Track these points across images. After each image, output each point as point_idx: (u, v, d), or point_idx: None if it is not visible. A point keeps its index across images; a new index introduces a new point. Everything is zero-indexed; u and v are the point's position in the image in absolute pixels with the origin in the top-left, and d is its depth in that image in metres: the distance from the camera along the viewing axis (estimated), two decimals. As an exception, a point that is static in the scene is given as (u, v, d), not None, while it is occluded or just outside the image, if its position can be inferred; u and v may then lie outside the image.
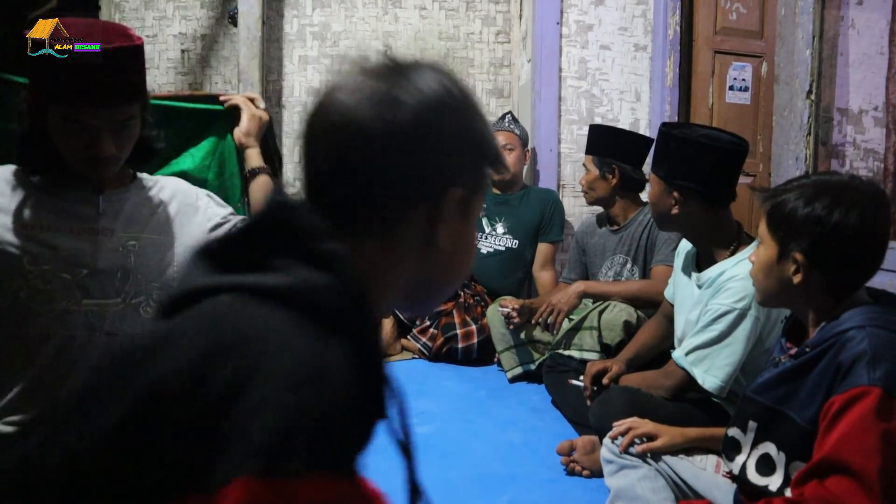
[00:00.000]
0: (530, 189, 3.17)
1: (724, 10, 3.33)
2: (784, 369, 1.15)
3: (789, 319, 1.27)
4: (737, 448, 1.22)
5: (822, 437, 1.03)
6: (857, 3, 3.06)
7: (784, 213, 1.13)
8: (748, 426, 1.20)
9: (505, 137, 3.04)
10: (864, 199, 1.09)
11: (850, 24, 3.05)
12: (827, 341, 1.09)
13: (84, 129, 1.07)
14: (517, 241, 3.03)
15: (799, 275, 1.13)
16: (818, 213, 1.09)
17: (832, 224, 1.08)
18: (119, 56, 1.05)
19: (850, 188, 1.11)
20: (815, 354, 1.10)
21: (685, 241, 1.85)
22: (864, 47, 3.08)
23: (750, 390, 1.22)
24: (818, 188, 1.12)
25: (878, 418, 0.98)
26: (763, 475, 1.16)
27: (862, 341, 1.04)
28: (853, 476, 0.98)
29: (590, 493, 1.65)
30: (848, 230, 1.08)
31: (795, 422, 1.10)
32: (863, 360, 1.02)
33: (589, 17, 3.33)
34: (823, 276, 1.12)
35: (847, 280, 1.13)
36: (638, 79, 3.36)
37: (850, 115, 3.24)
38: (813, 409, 1.07)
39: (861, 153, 3.30)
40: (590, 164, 2.53)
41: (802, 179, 1.19)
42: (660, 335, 2.03)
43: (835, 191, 1.10)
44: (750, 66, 3.36)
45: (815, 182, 1.15)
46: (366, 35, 3.57)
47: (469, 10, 3.61)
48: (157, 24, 3.52)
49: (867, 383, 1.00)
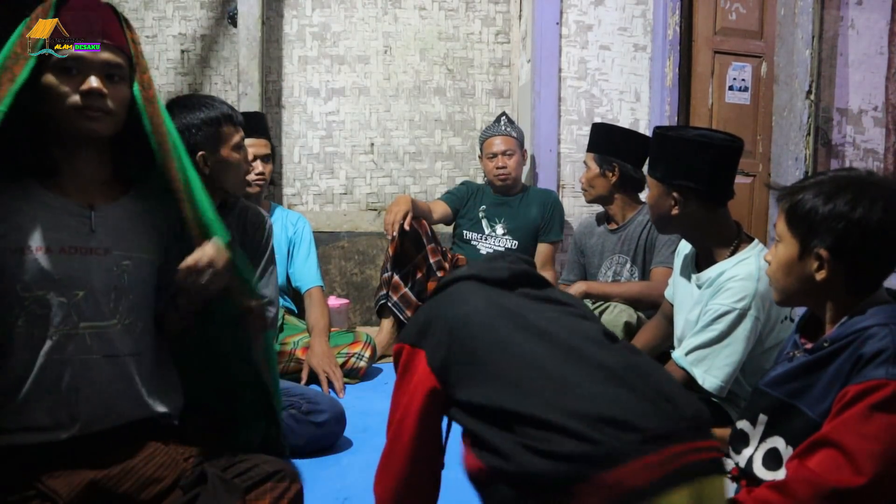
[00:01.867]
0: (530, 189, 3.17)
1: (724, 10, 3.33)
2: (799, 363, 1.15)
3: (804, 316, 1.27)
4: (745, 441, 1.22)
5: (828, 423, 1.04)
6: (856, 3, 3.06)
7: (805, 211, 1.13)
8: (758, 419, 1.20)
9: (504, 142, 3.04)
10: (887, 193, 1.10)
11: (849, 25, 3.05)
12: (847, 337, 1.09)
13: (73, 69, 1.08)
14: (517, 241, 3.03)
15: (823, 271, 1.13)
16: (841, 209, 1.09)
17: (856, 219, 1.08)
18: (98, 4, 1.12)
19: (871, 183, 1.12)
20: (835, 349, 1.10)
21: (684, 241, 1.85)
22: (863, 47, 3.09)
23: (762, 383, 1.22)
24: (838, 184, 1.12)
25: (886, 410, 0.99)
26: (769, 469, 1.15)
27: (885, 338, 1.04)
28: (841, 451, 0.99)
29: (589, 493, 1.64)
30: (872, 224, 1.08)
31: (807, 416, 1.10)
32: (884, 354, 1.03)
33: (588, 17, 3.33)
34: (846, 272, 1.12)
35: (869, 275, 1.14)
36: (637, 79, 3.36)
37: (849, 115, 3.24)
38: (827, 403, 1.07)
39: (861, 153, 3.30)
40: (591, 161, 2.54)
41: (819, 176, 1.18)
42: (660, 336, 2.04)
43: (856, 186, 1.11)
44: (749, 67, 3.36)
45: (833, 178, 1.15)
46: (365, 35, 3.57)
47: (469, 10, 3.61)
48: (156, 24, 3.52)
49: (885, 377, 1.01)
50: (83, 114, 1.09)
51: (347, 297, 3.40)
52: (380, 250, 3.48)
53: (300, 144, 3.58)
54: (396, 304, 2.85)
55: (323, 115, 3.58)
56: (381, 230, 3.42)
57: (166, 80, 3.50)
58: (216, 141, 1.66)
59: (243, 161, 1.74)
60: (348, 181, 3.61)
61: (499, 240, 3.06)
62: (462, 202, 3.14)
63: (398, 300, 2.85)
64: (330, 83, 3.57)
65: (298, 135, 3.58)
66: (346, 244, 3.53)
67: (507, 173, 3.03)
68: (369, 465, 1.79)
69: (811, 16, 2.95)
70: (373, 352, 2.56)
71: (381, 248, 3.45)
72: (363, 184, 3.62)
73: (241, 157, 1.73)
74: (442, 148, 3.64)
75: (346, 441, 1.90)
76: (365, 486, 1.65)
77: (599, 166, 2.51)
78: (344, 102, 3.58)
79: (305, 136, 3.58)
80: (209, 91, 3.51)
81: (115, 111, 1.12)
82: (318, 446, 1.82)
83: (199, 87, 3.53)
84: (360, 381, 2.49)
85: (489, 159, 3.06)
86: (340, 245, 3.53)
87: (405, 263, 2.85)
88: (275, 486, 1.12)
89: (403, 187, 3.63)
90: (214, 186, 1.69)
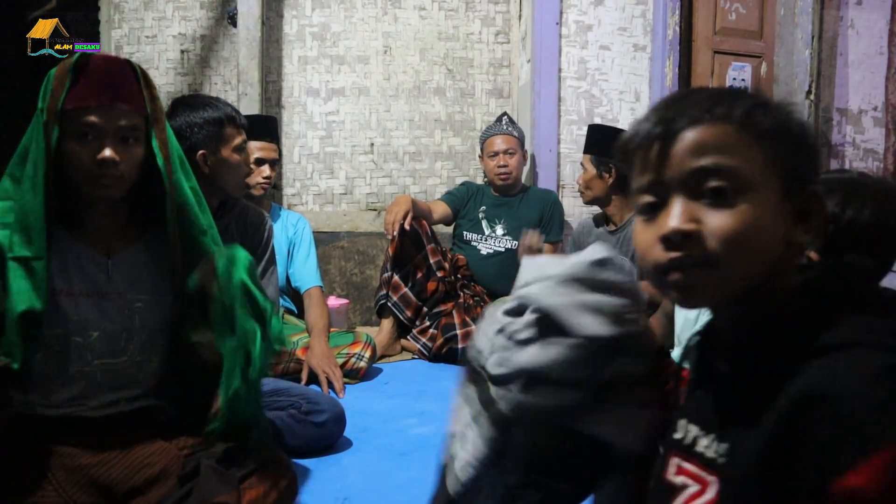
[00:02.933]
0: (529, 190, 3.18)
1: (724, 10, 3.33)
2: None
3: None
4: None
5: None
6: (856, 3, 3.06)
7: None
8: None
9: (505, 141, 3.04)
10: (877, 195, 1.09)
11: (849, 25, 3.05)
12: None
13: (89, 134, 1.14)
14: (517, 242, 3.03)
15: None
16: (831, 210, 1.08)
17: (845, 220, 1.07)
18: (116, 64, 1.17)
19: (862, 184, 1.10)
20: None
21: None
22: (863, 47, 3.09)
23: None
24: (828, 185, 1.11)
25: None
26: None
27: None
28: None
29: (590, 493, 1.64)
30: (862, 226, 1.07)
31: None
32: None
33: (588, 17, 3.33)
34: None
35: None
36: (637, 79, 3.36)
37: (849, 115, 3.24)
38: None
39: (860, 153, 3.31)
40: (587, 163, 2.54)
41: None
42: (661, 334, 2.04)
43: (846, 188, 1.10)
44: (749, 67, 3.36)
45: (824, 180, 1.13)
46: (365, 35, 3.58)
47: (468, 10, 3.61)
48: (156, 24, 3.52)
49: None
50: (98, 182, 1.16)
51: (347, 297, 3.40)
52: (380, 250, 3.48)
53: (300, 144, 3.58)
54: (396, 304, 2.85)
55: (323, 115, 3.58)
56: (380, 230, 3.42)
57: (166, 81, 3.50)
58: (217, 141, 1.67)
59: (244, 163, 1.75)
60: (348, 181, 3.61)
61: (499, 240, 3.07)
62: (462, 203, 3.14)
63: (398, 300, 2.85)
64: (330, 83, 3.57)
65: (298, 135, 3.58)
66: (345, 244, 3.53)
67: (508, 172, 3.03)
68: (369, 465, 1.80)
69: (811, 16, 2.95)
70: (373, 352, 2.56)
71: (381, 248, 3.45)
72: (363, 184, 3.63)
73: (242, 159, 1.74)
74: (442, 148, 3.64)
75: (346, 441, 1.90)
76: (365, 486, 1.66)
77: (596, 168, 2.51)
78: (344, 102, 3.58)
79: (305, 137, 3.58)
80: (209, 91, 3.51)
81: (127, 175, 1.19)
82: (318, 446, 1.82)
83: (199, 88, 3.53)
84: (359, 381, 2.49)
85: (490, 158, 3.06)
86: (340, 245, 3.53)
87: (405, 263, 2.85)
88: (269, 476, 1.15)
89: (403, 187, 3.63)
90: (214, 186, 1.69)
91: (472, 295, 2.95)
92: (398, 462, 1.80)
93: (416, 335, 2.87)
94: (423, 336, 2.84)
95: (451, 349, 2.76)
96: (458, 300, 2.89)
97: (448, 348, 2.76)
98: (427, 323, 2.86)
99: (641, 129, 0.66)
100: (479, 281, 3.02)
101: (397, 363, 2.80)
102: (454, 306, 2.86)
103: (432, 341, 2.80)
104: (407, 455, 1.85)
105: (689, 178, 0.63)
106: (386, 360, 2.80)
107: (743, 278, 0.62)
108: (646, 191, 0.67)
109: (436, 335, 2.80)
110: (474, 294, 2.96)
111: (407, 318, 2.86)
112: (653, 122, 0.65)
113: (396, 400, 2.31)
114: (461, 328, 2.77)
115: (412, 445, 1.91)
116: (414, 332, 2.88)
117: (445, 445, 0.84)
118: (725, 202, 0.61)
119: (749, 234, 0.60)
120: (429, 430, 2.04)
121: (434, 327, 2.82)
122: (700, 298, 0.64)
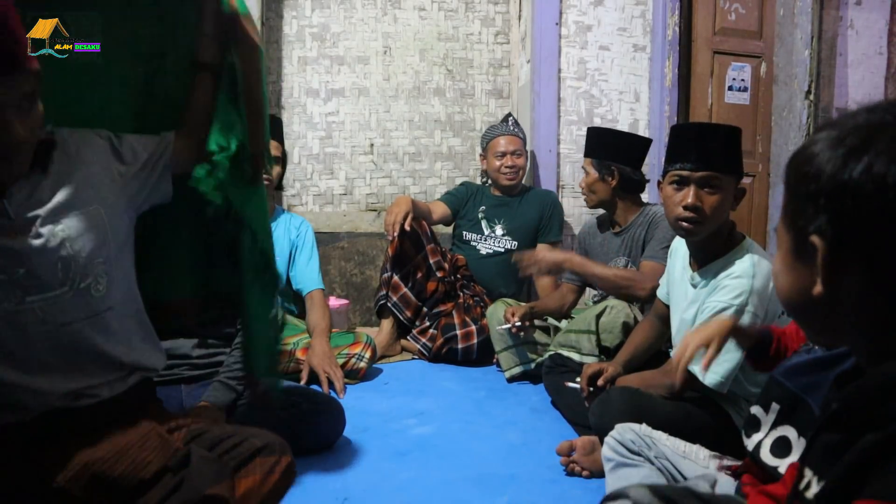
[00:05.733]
0: (529, 190, 3.18)
1: (723, 10, 3.33)
2: (815, 357, 1.14)
3: None
4: (756, 426, 1.22)
5: None
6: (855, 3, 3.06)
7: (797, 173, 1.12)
8: (771, 407, 1.20)
9: (512, 142, 3.05)
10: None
11: (848, 25, 3.05)
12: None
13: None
14: (517, 242, 3.04)
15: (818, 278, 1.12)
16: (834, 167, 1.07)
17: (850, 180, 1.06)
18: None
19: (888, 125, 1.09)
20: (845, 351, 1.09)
21: (678, 240, 1.85)
22: (862, 47, 3.09)
23: (778, 372, 1.21)
24: (842, 132, 1.10)
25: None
26: (776, 456, 1.15)
27: None
28: None
29: (589, 493, 1.64)
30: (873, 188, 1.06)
31: (816, 413, 1.10)
32: None
33: (588, 17, 3.34)
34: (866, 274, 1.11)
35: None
36: (637, 79, 3.36)
37: (849, 116, 3.23)
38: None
39: (860, 153, 3.30)
40: (589, 166, 2.54)
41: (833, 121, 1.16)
42: (653, 336, 2.04)
43: (864, 133, 1.08)
44: (749, 67, 3.36)
45: (838, 122, 1.12)
46: (365, 36, 3.58)
47: (468, 10, 3.61)
48: (156, 25, 3.52)
49: None
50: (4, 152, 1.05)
51: (347, 297, 3.40)
52: (379, 251, 3.48)
53: (300, 145, 3.58)
54: (396, 305, 2.85)
55: (322, 115, 3.58)
56: (380, 231, 3.42)
57: (166, 81, 3.50)
58: None
59: None
60: (348, 182, 3.62)
61: (498, 240, 3.07)
62: (461, 203, 3.15)
63: (398, 300, 2.85)
64: (329, 84, 3.57)
65: (298, 135, 3.58)
66: (345, 245, 3.54)
67: (517, 173, 3.05)
68: (369, 465, 1.80)
69: (810, 16, 2.95)
70: (373, 352, 2.56)
71: (381, 248, 3.46)
72: (363, 184, 3.63)
73: None
74: (441, 148, 3.64)
75: (346, 441, 1.91)
76: (365, 486, 1.66)
77: (598, 171, 2.50)
78: (343, 103, 3.59)
79: (305, 137, 3.58)
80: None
81: (34, 136, 1.08)
82: (318, 446, 1.82)
83: (199, 88, 3.53)
84: (360, 381, 2.49)
85: (497, 158, 3.06)
86: (340, 246, 3.53)
87: (405, 264, 2.85)
88: (264, 461, 1.11)
89: (403, 188, 3.63)
90: None
91: (472, 295, 2.95)
92: (398, 462, 1.80)
93: (416, 335, 2.87)
94: (423, 336, 2.85)
95: (451, 349, 2.76)
96: (457, 300, 2.89)
97: (448, 348, 2.77)
98: (427, 323, 2.86)
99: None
100: (478, 281, 3.02)
101: (397, 363, 2.80)
102: (454, 306, 2.86)
103: (432, 341, 2.80)
104: (407, 455, 1.85)
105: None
106: (386, 360, 2.80)
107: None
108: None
109: (436, 335, 2.80)
110: (474, 294, 2.96)
111: (407, 318, 2.87)
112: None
113: (396, 400, 2.31)
114: (461, 328, 2.77)
115: (412, 445, 1.92)
116: (414, 332, 2.88)
117: None
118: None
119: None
120: (429, 430, 2.04)
121: (434, 327, 2.83)
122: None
